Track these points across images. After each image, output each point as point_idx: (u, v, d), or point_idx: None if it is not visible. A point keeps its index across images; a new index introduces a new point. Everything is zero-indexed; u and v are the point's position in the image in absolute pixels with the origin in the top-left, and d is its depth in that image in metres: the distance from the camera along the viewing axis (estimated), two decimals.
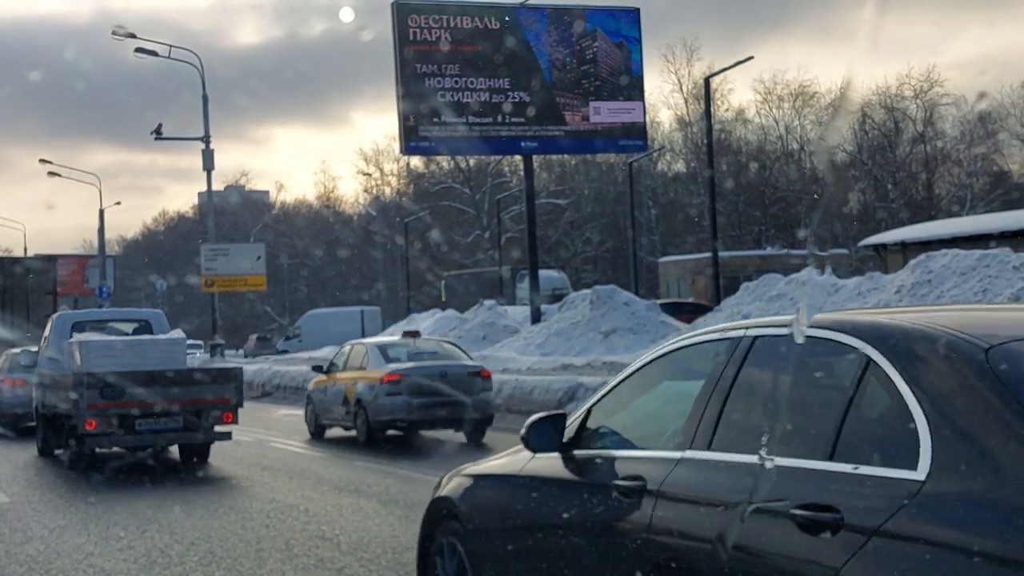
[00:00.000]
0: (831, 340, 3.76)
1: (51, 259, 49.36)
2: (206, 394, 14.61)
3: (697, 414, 4.14)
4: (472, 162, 74.74)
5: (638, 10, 31.56)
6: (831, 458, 3.51)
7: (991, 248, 20.10)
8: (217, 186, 63.17)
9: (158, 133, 39.37)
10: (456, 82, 29.30)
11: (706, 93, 38.14)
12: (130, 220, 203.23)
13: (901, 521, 3.14)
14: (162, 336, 16.02)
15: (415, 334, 19.91)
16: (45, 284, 38.60)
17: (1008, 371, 3.24)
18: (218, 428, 14.85)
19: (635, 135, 31.61)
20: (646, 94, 32.62)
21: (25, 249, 75.72)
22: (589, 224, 74.06)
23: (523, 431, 4.96)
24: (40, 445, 16.90)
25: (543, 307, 32.86)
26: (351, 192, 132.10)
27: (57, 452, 16.27)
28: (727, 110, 69.28)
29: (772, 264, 45.73)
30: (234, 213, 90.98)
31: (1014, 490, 2.97)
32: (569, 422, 4.90)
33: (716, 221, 38.20)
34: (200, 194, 79.78)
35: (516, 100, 29.76)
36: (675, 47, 75.72)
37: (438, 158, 71.00)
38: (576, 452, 4.78)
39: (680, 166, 74.81)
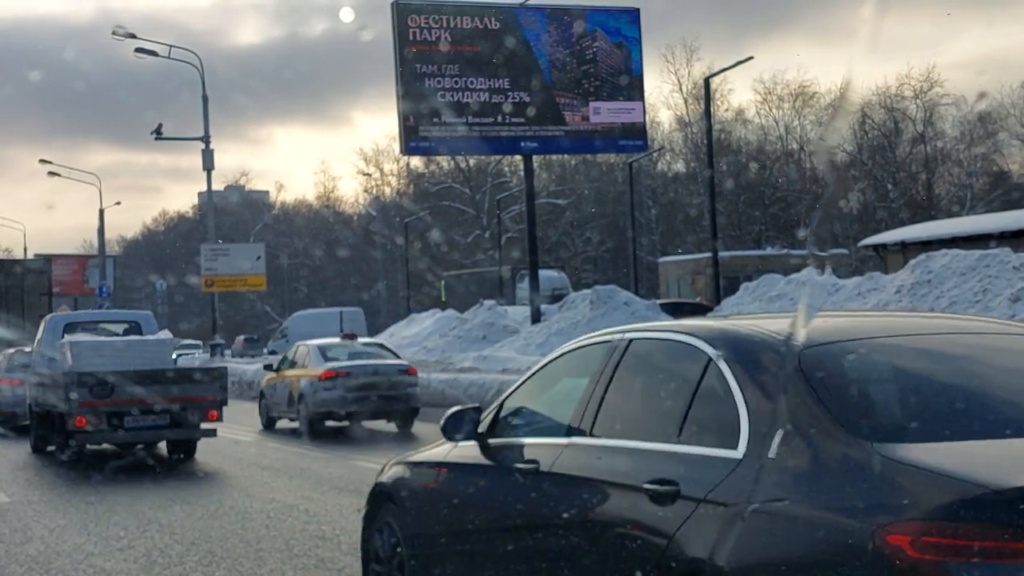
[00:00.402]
0: (683, 343, 4.50)
1: (47, 261, 49.78)
2: (192, 392, 15.09)
3: (582, 406, 4.85)
4: (472, 162, 74.75)
5: (638, 10, 31.55)
6: (677, 441, 4.25)
7: (991, 248, 20.10)
8: (217, 186, 63.18)
9: (158, 133, 39.38)
10: (456, 82, 29.29)
11: (706, 93, 38.14)
12: (130, 220, 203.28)
13: (722, 491, 3.85)
14: (150, 337, 16.65)
15: (352, 336, 22.79)
16: (41, 285, 39.09)
17: (814, 368, 3.93)
18: (204, 425, 15.32)
19: (635, 135, 31.61)
20: (646, 94, 32.64)
21: (25, 249, 75.77)
22: (589, 224, 74.06)
23: (442, 422, 5.63)
24: (33, 442, 17.30)
25: (543, 307, 32.85)
26: (351, 192, 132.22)
27: (49, 449, 16.60)
28: (727, 110, 69.34)
29: (772, 264, 45.73)
30: (234, 213, 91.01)
31: (809, 464, 3.69)
32: (484, 415, 5.57)
33: (716, 221, 38.20)
34: (200, 194, 79.86)
35: (516, 100, 29.76)
36: (675, 47, 75.83)
37: (438, 158, 71.04)
38: (490, 440, 5.43)
39: (680, 166, 74.86)
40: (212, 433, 15.45)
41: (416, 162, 76.06)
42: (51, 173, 56.74)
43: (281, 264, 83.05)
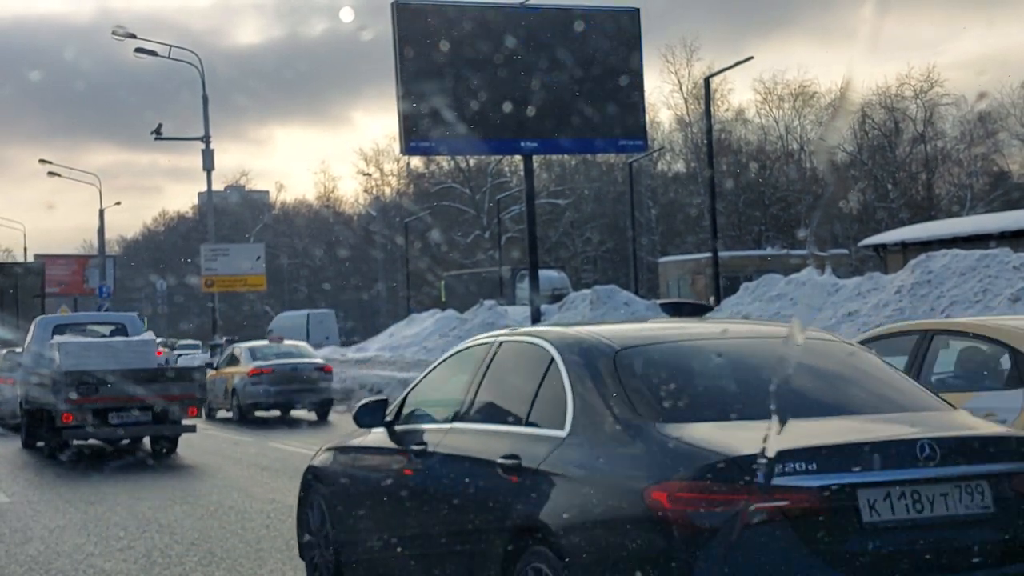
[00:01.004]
0: (536, 345, 5.58)
1: (41, 263, 50.66)
2: (172, 390, 15.95)
3: (462, 397, 5.92)
4: (472, 162, 74.73)
5: (638, 10, 31.52)
6: (525, 424, 5.37)
7: (991, 248, 20.10)
8: (217, 186, 63.18)
9: (158, 133, 39.37)
10: (456, 82, 29.27)
11: (706, 93, 38.14)
12: (130, 220, 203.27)
13: (548, 463, 4.94)
14: (134, 338, 17.52)
15: (279, 339, 27.36)
16: (35, 287, 39.92)
17: (623, 365, 5.07)
18: (185, 421, 16.21)
19: (635, 135, 31.58)
20: (646, 94, 32.62)
21: (25, 249, 75.83)
22: (589, 224, 74.05)
23: (354, 412, 6.59)
24: (24, 438, 18.02)
25: (543, 307, 32.84)
26: (351, 192, 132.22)
27: (39, 444, 17.12)
28: (727, 110, 69.31)
29: (772, 264, 45.71)
30: (234, 213, 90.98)
31: (605, 438, 4.81)
32: (391, 407, 6.53)
33: (716, 221, 38.19)
34: (200, 194, 79.88)
35: (516, 100, 29.74)
36: (675, 47, 75.69)
37: (438, 158, 71.01)
38: (396, 427, 6.40)
39: (680, 166, 74.83)
40: (192, 428, 16.31)
41: (416, 162, 76.10)
42: (51, 173, 56.81)
43: (281, 264, 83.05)
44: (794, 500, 4.22)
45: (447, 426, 5.96)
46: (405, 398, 6.53)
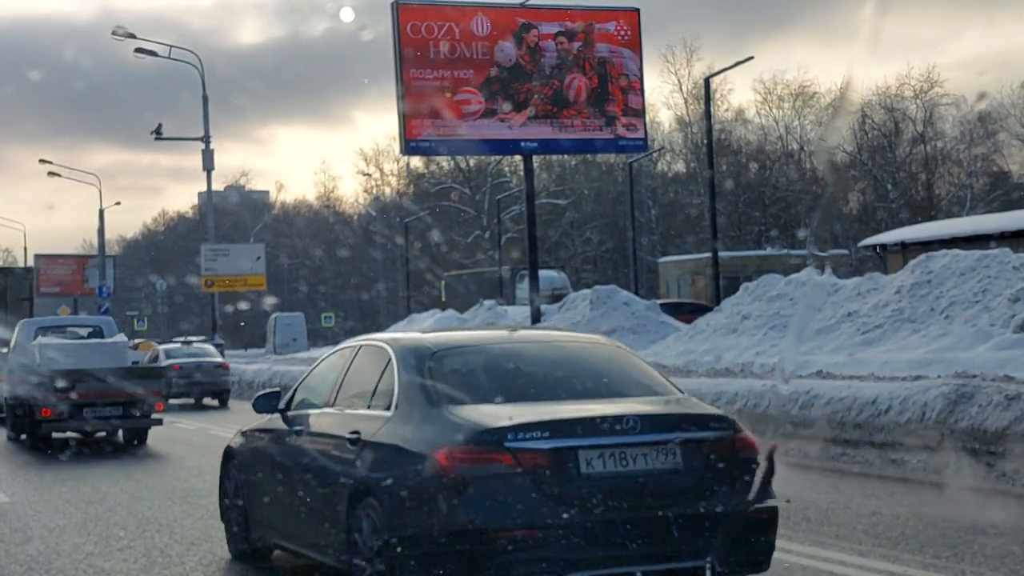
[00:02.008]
0: (382, 347, 7.26)
1: (28, 268, 52.07)
2: (141, 387, 17.45)
3: (332, 388, 7.58)
4: (472, 162, 74.72)
5: (638, 10, 31.52)
6: (368, 408, 7.00)
7: (991, 248, 20.08)
8: (217, 186, 63.17)
9: (158, 133, 39.40)
10: (456, 82, 29.28)
11: (706, 93, 38.14)
12: (130, 220, 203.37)
13: (378, 436, 6.59)
14: (108, 339, 19.34)
15: (190, 342, 32.80)
16: (24, 289, 41.23)
17: (436, 363, 6.73)
18: (153, 415, 17.91)
19: (635, 135, 31.59)
20: (646, 94, 32.60)
21: (25, 249, 75.92)
22: (589, 224, 74.03)
23: (252, 401, 8.37)
24: (8, 432, 19.37)
25: (543, 307, 32.84)
26: (351, 192, 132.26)
27: (22, 437, 18.43)
28: (727, 110, 69.29)
29: (772, 264, 45.68)
30: (234, 213, 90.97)
31: (415, 417, 6.47)
32: (286, 397, 8.12)
33: (716, 221, 38.19)
34: (200, 194, 79.84)
35: (516, 100, 29.75)
36: (675, 47, 75.62)
37: (438, 158, 70.96)
38: (288, 413, 7.98)
39: (680, 166, 74.82)
40: (159, 422, 18.08)
41: (416, 162, 76.07)
42: (51, 173, 56.85)
43: (281, 264, 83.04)
44: (530, 457, 5.93)
45: (319, 411, 7.64)
46: (295, 389, 8.16)
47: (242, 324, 71.69)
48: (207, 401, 29.39)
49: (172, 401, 24.98)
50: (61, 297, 70.33)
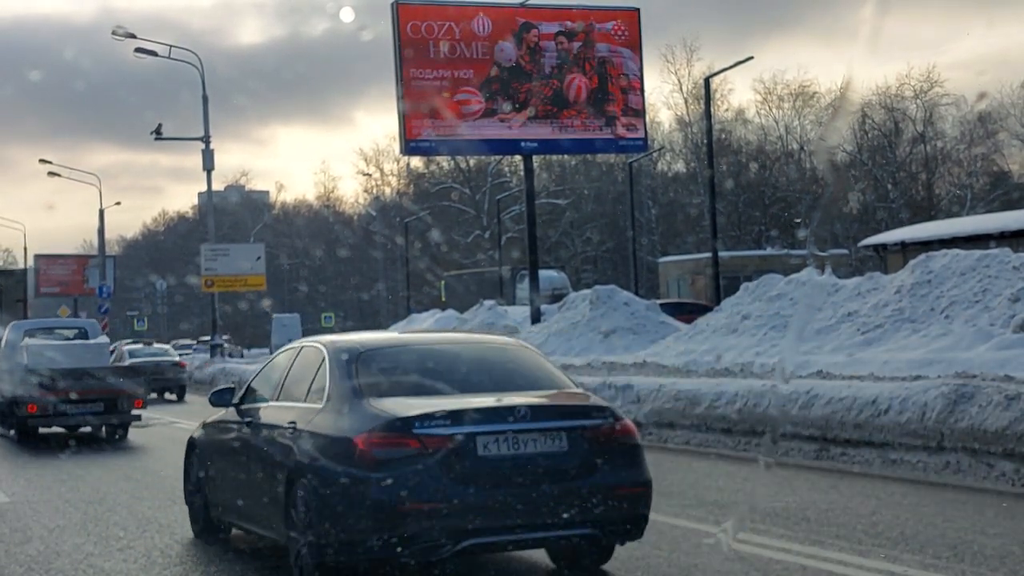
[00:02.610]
0: (317, 348, 8.24)
1: (23, 271, 53.00)
2: (121, 385, 18.83)
3: (278, 384, 8.60)
4: (472, 162, 74.71)
5: (638, 10, 31.54)
6: (304, 401, 7.94)
7: (991, 248, 20.07)
8: (217, 186, 63.15)
9: (158, 133, 39.41)
10: (456, 82, 29.29)
11: (706, 93, 38.13)
12: (130, 220, 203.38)
13: (310, 425, 7.54)
14: (91, 341, 20.47)
15: (150, 342, 37.20)
16: (18, 291, 42.06)
17: (362, 362, 7.70)
18: (132, 412, 19.02)
19: (635, 135, 31.61)
20: (646, 94, 32.62)
21: (25, 249, 75.84)
22: (589, 224, 74.02)
23: (209, 396, 9.41)
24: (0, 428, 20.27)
25: (543, 307, 32.83)
26: (351, 192, 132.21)
27: (11, 432, 19.25)
28: (727, 110, 69.31)
29: (772, 264, 45.66)
30: (234, 213, 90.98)
31: (341, 408, 7.43)
32: (240, 392, 9.13)
33: (716, 221, 38.18)
34: (200, 194, 79.81)
35: (516, 100, 29.76)
36: (675, 47, 75.74)
37: (438, 158, 70.97)
38: (240, 406, 8.94)
39: (680, 166, 74.82)
40: (138, 418, 19.29)
41: (416, 162, 76.07)
42: (51, 173, 56.84)
43: (281, 264, 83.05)
44: (434, 441, 6.88)
45: (266, 404, 8.61)
46: (249, 385, 9.17)
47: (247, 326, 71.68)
48: (168, 396, 32.64)
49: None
50: (61, 297, 70.36)
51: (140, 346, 35.13)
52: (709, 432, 14.87)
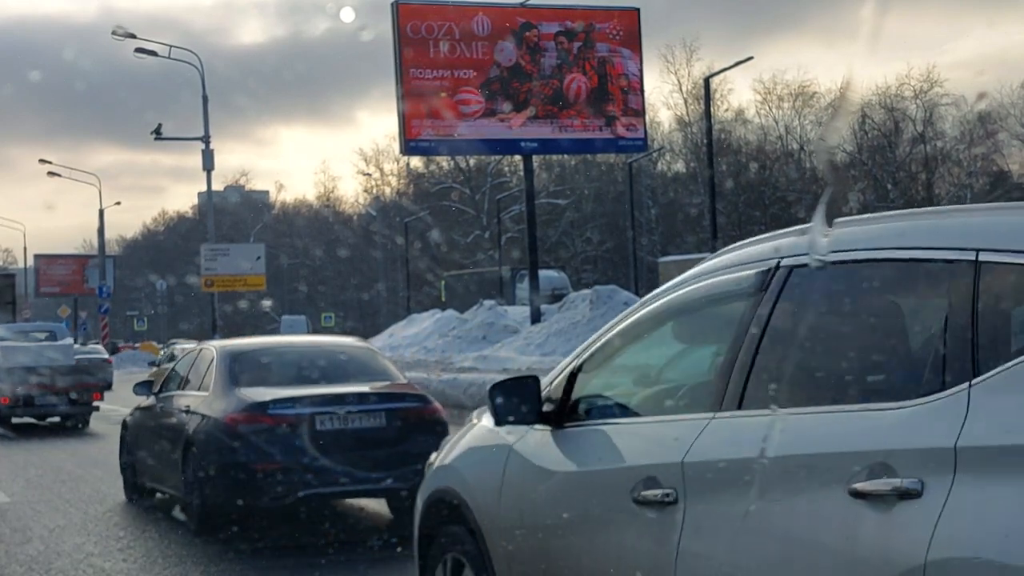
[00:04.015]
0: (210, 349, 10.53)
1: (11, 275, 53.62)
2: (83, 380, 21.79)
3: (183, 376, 11.20)
4: (472, 162, 74.70)
5: (638, 10, 31.54)
6: (198, 390, 10.17)
7: None
8: (218, 186, 63.16)
9: (158, 133, 39.36)
10: (456, 82, 29.29)
11: (706, 93, 38.15)
12: (130, 220, 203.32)
13: (199, 408, 9.89)
14: (58, 342, 23.87)
15: (86, 343, 38.70)
16: (7, 295, 42.76)
17: (237, 360, 10.16)
18: (93, 403, 21.76)
19: (635, 135, 31.62)
20: (646, 94, 32.63)
21: (25, 249, 75.87)
22: (589, 224, 74.01)
23: (134, 388, 12.32)
24: None
25: (543, 307, 32.83)
26: (351, 192, 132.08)
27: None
28: (727, 110, 69.25)
29: None
30: (234, 213, 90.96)
31: (219, 395, 9.75)
32: (158, 383, 11.67)
33: (716, 221, 38.22)
34: (200, 194, 79.82)
35: (516, 100, 29.76)
36: (675, 47, 75.74)
37: (438, 158, 70.97)
38: (159, 395, 11.43)
39: (680, 166, 74.77)
40: (97, 408, 21.93)
41: (416, 162, 76.05)
42: (51, 173, 56.76)
43: (281, 264, 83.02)
44: (283, 419, 9.12)
45: (174, 393, 10.79)
46: (166, 377, 11.45)
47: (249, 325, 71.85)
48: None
49: None
50: (61, 297, 70.35)
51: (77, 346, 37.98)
52: None
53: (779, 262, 3.59)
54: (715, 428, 3.51)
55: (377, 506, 10.58)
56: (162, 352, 45.38)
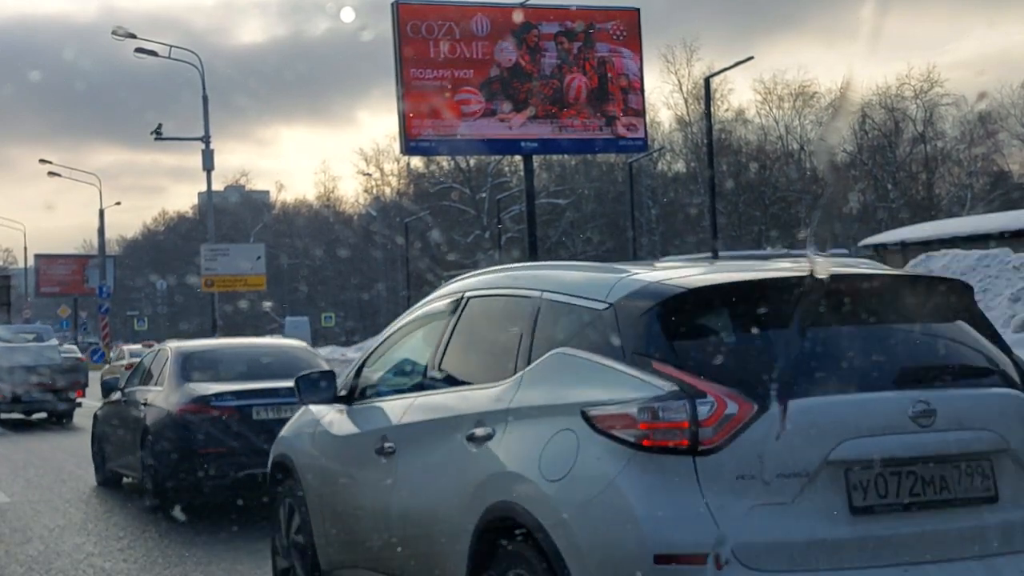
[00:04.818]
0: (165, 348, 12.37)
1: (7, 276, 53.78)
2: (65, 378, 23.54)
3: (145, 372, 12.81)
4: (472, 162, 74.68)
5: (638, 10, 31.52)
6: (155, 384, 11.90)
7: (991, 248, 20.06)
8: (218, 186, 63.16)
9: (158, 133, 39.33)
10: (456, 82, 29.28)
11: (706, 93, 38.12)
12: (131, 220, 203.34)
13: (154, 400, 11.52)
14: (44, 344, 25.33)
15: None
16: (2, 297, 43.21)
17: (188, 358, 11.80)
18: (76, 399, 23.75)
19: (635, 135, 31.59)
20: (646, 94, 32.61)
21: (25, 249, 75.91)
22: (589, 224, 73.99)
23: (100, 384, 14.98)
24: None
25: None
26: (351, 192, 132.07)
27: None
28: (727, 110, 69.22)
29: None
30: (234, 213, 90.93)
31: (171, 389, 11.48)
32: (124, 379, 13.62)
33: (716, 221, 38.20)
34: (200, 194, 79.79)
35: (516, 100, 29.75)
36: (675, 47, 75.70)
37: (438, 158, 70.95)
38: (124, 389, 12.92)
39: (680, 166, 74.75)
40: (79, 404, 23.78)
41: (416, 162, 76.03)
42: (51, 173, 56.73)
43: (281, 264, 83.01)
44: (225, 410, 10.53)
45: (137, 387, 12.35)
46: (131, 374, 13.14)
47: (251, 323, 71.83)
48: None
49: None
50: (61, 297, 70.37)
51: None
52: None
53: (464, 294, 5.51)
54: (418, 404, 5.43)
55: None
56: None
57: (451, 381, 5.29)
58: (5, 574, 8.37)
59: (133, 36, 36.41)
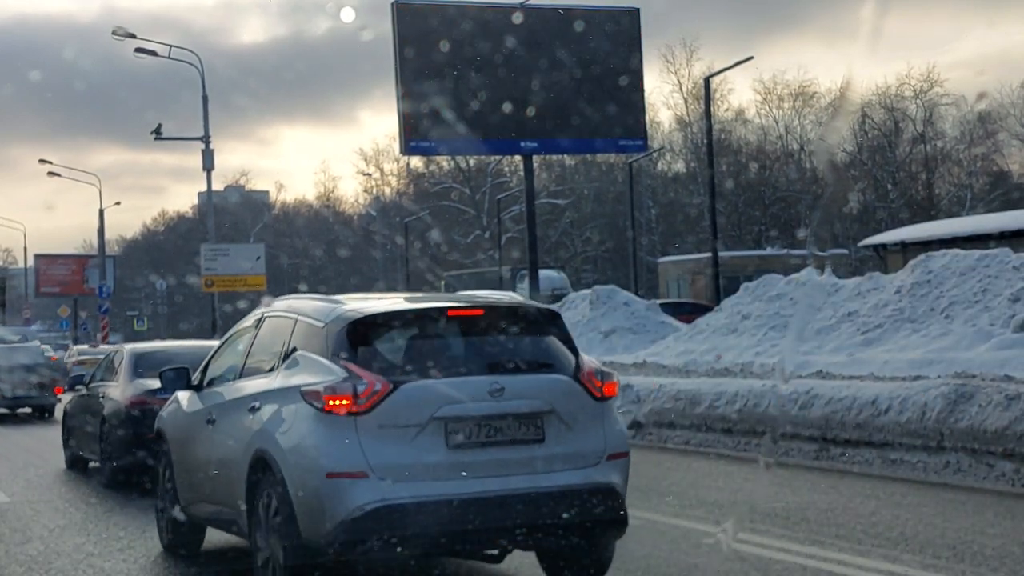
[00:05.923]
0: (123, 348, 14.93)
1: (3, 278, 53.94)
2: (46, 376, 25.80)
3: (107, 367, 14.86)
4: (472, 162, 74.68)
5: (638, 10, 31.54)
6: (112, 380, 14.19)
7: (991, 248, 20.05)
8: (218, 186, 63.15)
9: (158, 133, 39.33)
10: (456, 82, 29.29)
11: (706, 93, 38.11)
12: (131, 220, 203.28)
13: (110, 393, 13.83)
14: (28, 345, 27.36)
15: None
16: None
17: (139, 357, 13.93)
18: (57, 396, 25.46)
19: (635, 135, 31.61)
20: (646, 94, 32.62)
21: (25, 249, 75.88)
22: (589, 224, 73.98)
23: (67, 380, 23.02)
24: None
25: None
26: (351, 192, 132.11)
27: None
28: (727, 110, 69.23)
29: (772, 264, 45.64)
30: (234, 213, 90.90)
31: (124, 383, 13.60)
32: (88, 375, 15.66)
33: (716, 221, 38.16)
34: (200, 194, 79.76)
35: (516, 100, 29.75)
36: (675, 47, 75.69)
37: (438, 158, 70.96)
38: (89, 384, 15.01)
39: (680, 166, 74.75)
40: (59, 400, 24.61)
41: (416, 162, 76.03)
42: (51, 173, 56.73)
43: (281, 264, 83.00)
44: (160, 402, 10.44)
45: (100, 383, 14.16)
46: (95, 371, 14.97)
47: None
48: None
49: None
50: (61, 297, 70.32)
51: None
52: (709, 432, 14.86)
53: (264, 313, 8.04)
54: (230, 389, 7.92)
55: None
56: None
57: (248, 373, 7.77)
58: (5, 574, 8.37)
59: (133, 36, 36.42)
